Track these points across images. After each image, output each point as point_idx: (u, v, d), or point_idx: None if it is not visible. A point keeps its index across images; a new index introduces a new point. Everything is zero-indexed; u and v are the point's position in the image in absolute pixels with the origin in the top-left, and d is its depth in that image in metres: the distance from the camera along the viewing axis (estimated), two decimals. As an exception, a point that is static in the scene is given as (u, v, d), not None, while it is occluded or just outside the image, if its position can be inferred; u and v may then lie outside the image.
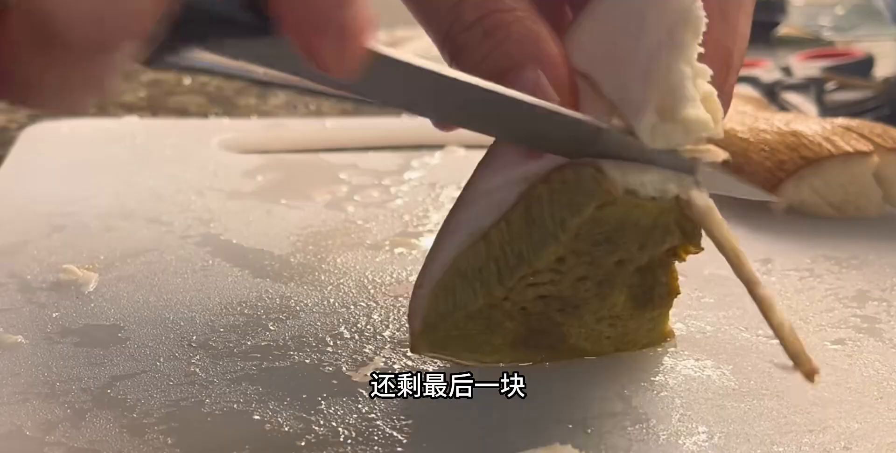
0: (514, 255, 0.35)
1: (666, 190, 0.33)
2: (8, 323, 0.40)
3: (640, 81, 0.33)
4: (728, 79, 0.36)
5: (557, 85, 0.34)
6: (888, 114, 0.65)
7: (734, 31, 0.36)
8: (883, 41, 0.86)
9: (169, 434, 0.33)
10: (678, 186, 0.33)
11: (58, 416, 0.34)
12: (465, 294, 0.36)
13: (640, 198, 0.33)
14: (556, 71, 0.34)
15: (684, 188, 0.33)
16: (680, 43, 0.32)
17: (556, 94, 0.33)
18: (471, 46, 0.34)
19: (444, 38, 0.35)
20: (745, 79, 0.70)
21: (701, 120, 0.32)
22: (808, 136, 0.51)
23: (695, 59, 0.33)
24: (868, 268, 0.47)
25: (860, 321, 0.42)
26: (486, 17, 0.34)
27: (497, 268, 0.36)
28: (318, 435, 0.34)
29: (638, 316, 0.38)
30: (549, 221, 0.35)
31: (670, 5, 0.33)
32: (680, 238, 0.36)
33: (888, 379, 0.38)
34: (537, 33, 0.34)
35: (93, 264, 0.45)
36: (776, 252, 0.48)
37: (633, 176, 0.33)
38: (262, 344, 0.39)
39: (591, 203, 0.34)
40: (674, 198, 0.33)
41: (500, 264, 0.36)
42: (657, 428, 0.35)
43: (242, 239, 0.48)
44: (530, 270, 0.35)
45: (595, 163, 0.33)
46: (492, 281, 0.36)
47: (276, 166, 0.58)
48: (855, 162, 0.51)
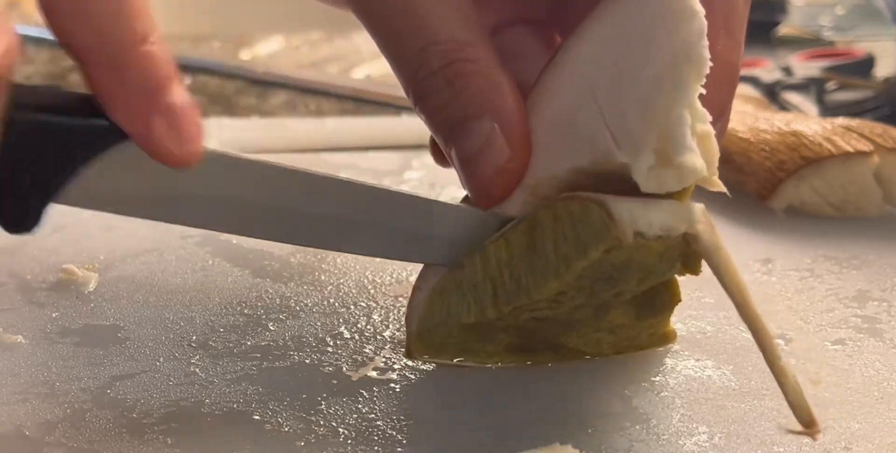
0: (513, 281, 0.35)
1: (673, 228, 0.33)
2: (8, 323, 0.40)
3: (639, 116, 0.33)
4: (731, 95, 0.37)
5: (511, 137, 0.35)
6: (888, 115, 0.65)
7: (739, 47, 0.37)
8: (883, 41, 0.86)
9: (169, 434, 0.33)
10: (685, 222, 0.33)
11: (58, 416, 0.34)
12: (458, 305, 0.36)
13: (648, 239, 0.33)
14: (511, 123, 0.35)
15: (691, 223, 0.33)
16: (682, 83, 0.32)
17: (507, 147, 0.34)
18: (433, 93, 0.35)
19: (409, 82, 0.36)
20: (745, 79, 0.70)
21: (697, 168, 0.32)
22: (809, 136, 0.51)
23: (696, 101, 0.32)
24: (868, 268, 0.47)
25: (860, 321, 0.42)
26: (449, 66, 0.35)
27: (493, 289, 0.35)
28: (318, 435, 0.34)
29: (638, 324, 0.38)
30: (552, 255, 0.34)
31: (679, 34, 0.32)
32: (681, 268, 0.35)
33: (889, 380, 0.37)
34: (498, 85, 0.35)
35: (93, 264, 0.45)
36: (776, 252, 0.48)
37: (641, 217, 0.32)
38: (262, 345, 0.39)
39: (598, 246, 0.33)
40: (680, 235, 0.33)
41: (496, 285, 0.35)
42: (657, 428, 0.34)
43: (242, 239, 0.48)
44: (528, 301, 0.35)
45: (603, 203, 0.33)
46: (486, 301, 0.36)
47: (276, 166, 0.58)
48: (855, 162, 0.51)
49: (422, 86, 0.35)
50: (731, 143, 0.53)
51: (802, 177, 0.51)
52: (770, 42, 0.87)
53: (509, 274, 0.35)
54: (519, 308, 0.35)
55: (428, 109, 0.36)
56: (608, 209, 0.32)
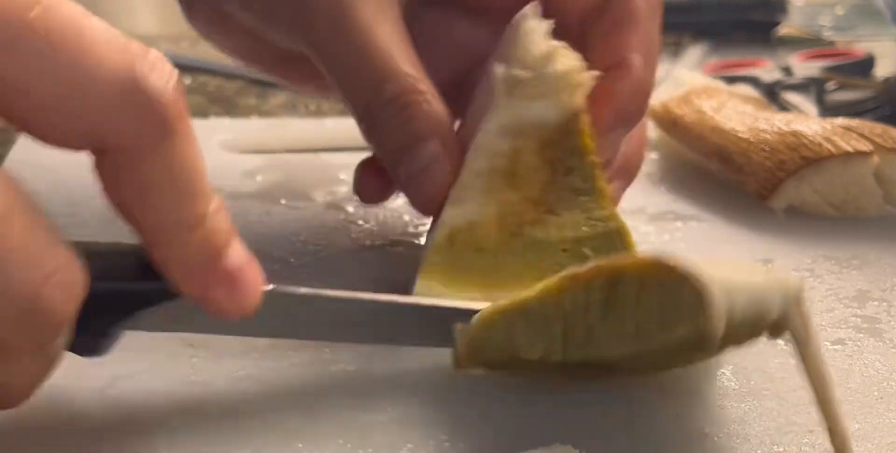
0: (585, 330, 0.33)
1: (765, 315, 0.30)
2: (8, 323, 0.40)
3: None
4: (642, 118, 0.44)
5: (452, 154, 0.40)
6: (888, 115, 0.65)
7: (653, 74, 0.43)
8: (883, 41, 0.86)
9: (169, 434, 0.33)
10: (779, 307, 0.31)
11: (58, 416, 0.34)
12: (523, 337, 0.35)
13: (736, 326, 0.30)
14: (451, 145, 0.40)
15: (785, 309, 0.31)
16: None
17: (448, 163, 0.40)
18: (386, 120, 0.40)
19: (364, 111, 0.41)
20: (746, 79, 0.70)
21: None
22: (809, 136, 0.51)
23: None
24: (868, 268, 0.47)
25: (860, 321, 0.42)
26: (400, 97, 0.40)
27: (563, 332, 0.34)
28: (318, 434, 0.34)
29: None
30: (630, 323, 0.32)
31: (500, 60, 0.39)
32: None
33: (888, 380, 0.38)
34: (440, 113, 0.40)
35: (93, 264, 0.45)
36: (776, 252, 0.48)
37: (737, 301, 0.30)
38: (262, 345, 0.39)
39: (684, 327, 0.30)
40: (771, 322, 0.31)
41: (567, 328, 0.34)
42: (658, 428, 0.34)
43: (242, 239, 0.48)
44: (596, 354, 0.34)
45: (699, 282, 0.29)
46: (555, 344, 0.34)
47: (276, 166, 0.58)
48: (855, 162, 0.51)
49: (375, 114, 0.40)
50: (731, 143, 0.53)
51: (802, 177, 0.51)
52: (770, 42, 0.87)
53: (583, 321, 0.33)
54: (585, 357, 0.34)
55: (380, 134, 0.41)
56: (704, 289, 0.29)
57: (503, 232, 0.40)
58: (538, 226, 0.40)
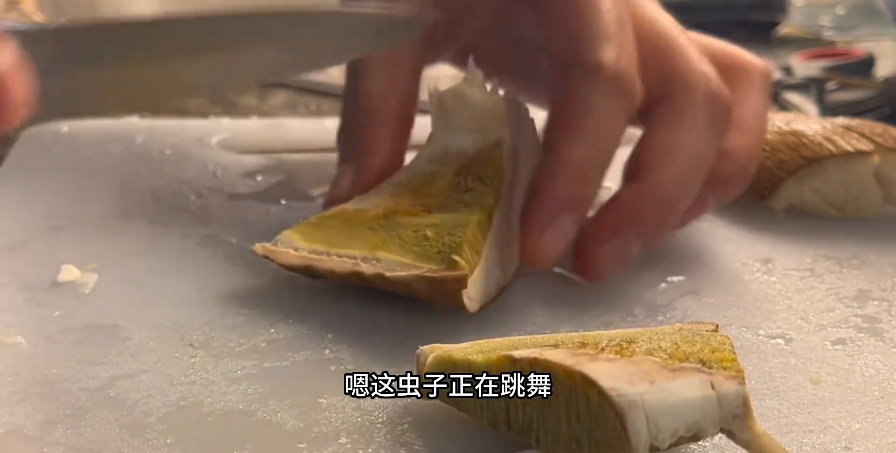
0: (526, 418, 0.32)
1: (702, 430, 0.29)
2: (8, 323, 0.40)
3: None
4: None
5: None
6: (888, 114, 0.65)
7: (679, 187, 0.42)
8: (883, 41, 0.86)
9: (169, 434, 0.33)
10: (718, 421, 0.29)
11: (58, 416, 0.34)
12: (470, 402, 0.33)
13: (668, 443, 0.29)
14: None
15: (727, 421, 0.29)
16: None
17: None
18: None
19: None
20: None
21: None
22: (809, 136, 0.51)
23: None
24: (869, 267, 0.47)
25: (861, 321, 0.42)
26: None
27: (506, 408, 0.32)
28: (319, 434, 0.34)
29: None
30: (565, 430, 0.30)
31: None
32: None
33: (889, 379, 0.37)
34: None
35: (93, 264, 0.45)
36: (776, 252, 0.48)
37: (663, 426, 0.29)
38: (262, 345, 0.39)
39: (612, 451, 0.29)
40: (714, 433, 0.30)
41: (510, 406, 0.32)
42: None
43: (242, 239, 0.48)
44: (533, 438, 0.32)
45: (621, 413, 0.28)
46: (498, 417, 0.32)
47: (276, 166, 0.58)
48: (855, 161, 0.51)
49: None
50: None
51: (803, 177, 0.51)
52: (770, 42, 0.88)
53: (523, 408, 0.32)
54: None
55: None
56: (624, 421, 0.28)
57: (379, 218, 0.42)
58: (408, 216, 0.42)
